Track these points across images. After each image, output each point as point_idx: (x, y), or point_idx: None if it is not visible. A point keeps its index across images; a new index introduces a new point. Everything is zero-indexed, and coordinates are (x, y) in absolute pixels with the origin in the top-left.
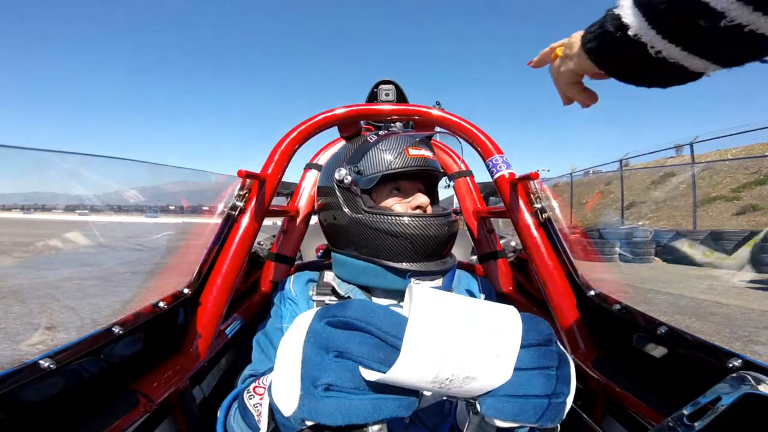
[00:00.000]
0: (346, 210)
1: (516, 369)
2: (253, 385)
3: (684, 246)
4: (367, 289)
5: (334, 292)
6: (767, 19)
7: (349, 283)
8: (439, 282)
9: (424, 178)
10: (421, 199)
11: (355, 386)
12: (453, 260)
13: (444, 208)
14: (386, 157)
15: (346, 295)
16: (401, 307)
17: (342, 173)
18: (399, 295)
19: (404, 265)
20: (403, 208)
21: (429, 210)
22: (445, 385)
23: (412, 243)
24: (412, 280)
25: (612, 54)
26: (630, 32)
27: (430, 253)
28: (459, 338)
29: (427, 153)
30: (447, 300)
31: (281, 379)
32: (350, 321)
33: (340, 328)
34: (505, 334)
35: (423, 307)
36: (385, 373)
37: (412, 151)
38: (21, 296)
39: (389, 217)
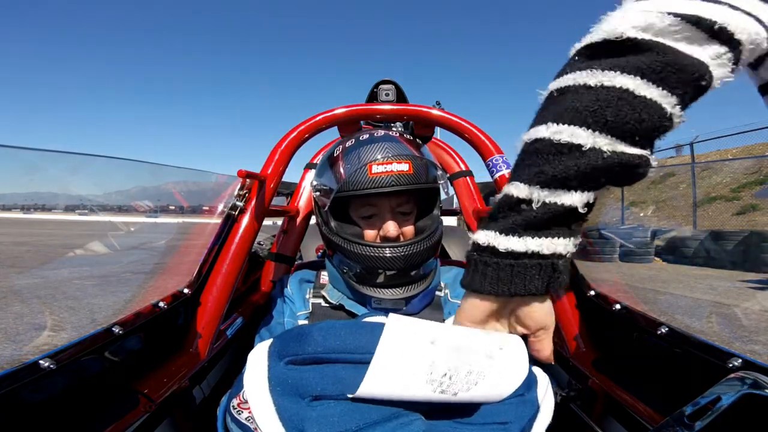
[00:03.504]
0: (320, 220)
1: (466, 424)
2: (236, 401)
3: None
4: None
5: (325, 299)
6: None
7: (338, 289)
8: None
9: (404, 193)
10: (389, 229)
11: (345, 428)
12: (429, 280)
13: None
14: (344, 175)
15: (337, 303)
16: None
17: (313, 184)
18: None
19: (366, 291)
20: (372, 231)
21: (406, 232)
22: (446, 386)
23: (368, 271)
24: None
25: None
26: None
27: (392, 283)
28: (444, 331)
29: (400, 167)
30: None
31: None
32: (316, 356)
33: (307, 365)
34: (496, 336)
35: (398, 318)
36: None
37: (377, 168)
38: (21, 296)
39: (344, 243)
